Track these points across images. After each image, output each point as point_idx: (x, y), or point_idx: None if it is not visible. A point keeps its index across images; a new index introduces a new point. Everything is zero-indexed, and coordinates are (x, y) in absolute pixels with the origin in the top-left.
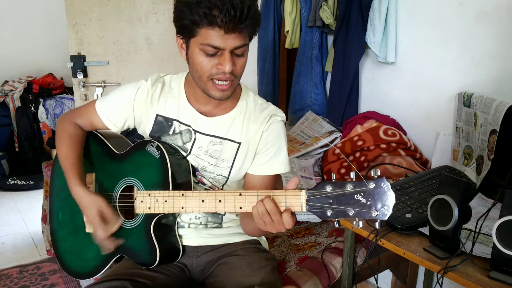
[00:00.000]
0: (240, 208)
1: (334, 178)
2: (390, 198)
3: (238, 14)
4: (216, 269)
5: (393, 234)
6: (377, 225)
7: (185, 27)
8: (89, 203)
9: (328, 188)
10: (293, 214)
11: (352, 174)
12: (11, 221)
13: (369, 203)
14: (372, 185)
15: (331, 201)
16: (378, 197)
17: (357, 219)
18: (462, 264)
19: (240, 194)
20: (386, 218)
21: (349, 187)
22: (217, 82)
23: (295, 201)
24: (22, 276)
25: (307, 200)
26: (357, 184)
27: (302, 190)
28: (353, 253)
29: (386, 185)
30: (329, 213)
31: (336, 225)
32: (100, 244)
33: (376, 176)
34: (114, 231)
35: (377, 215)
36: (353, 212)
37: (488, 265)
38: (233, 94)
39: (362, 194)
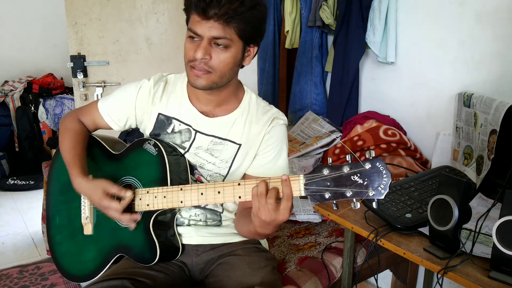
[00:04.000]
0: (239, 197)
1: (330, 161)
2: (386, 177)
3: (216, 2)
4: (216, 268)
5: (393, 234)
6: (374, 204)
7: (186, 13)
8: (92, 188)
9: (325, 171)
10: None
11: (348, 157)
12: (11, 221)
13: (365, 183)
14: (368, 166)
15: (328, 183)
16: (374, 177)
17: (354, 200)
18: (462, 264)
19: (239, 184)
20: (383, 196)
21: (346, 169)
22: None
23: (294, 186)
24: (22, 276)
25: (305, 185)
26: (353, 166)
27: (300, 175)
28: (353, 253)
29: (382, 165)
30: (327, 195)
31: (334, 208)
32: (120, 221)
33: (371, 157)
34: (127, 203)
35: (374, 194)
36: (351, 193)
37: (488, 265)
38: (234, 94)
39: (359, 175)
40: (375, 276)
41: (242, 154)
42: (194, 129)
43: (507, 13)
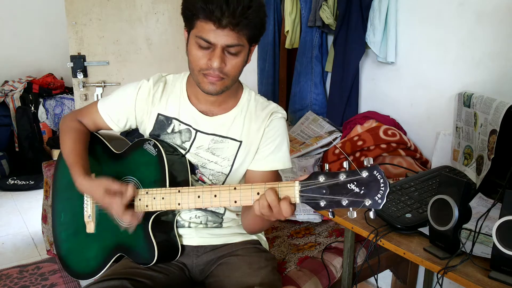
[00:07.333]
0: (235, 202)
1: (327, 168)
2: (383, 187)
3: (232, 11)
4: (216, 269)
5: (393, 234)
6: (371, 214)
7: (187, 18)
8: (94, 187)
9: (321, 178)
10: (291, 203)
11: (346, 164)
12: (11, 221)
13: (362, 192)
14: (365, 174)
15: (324, 191)
16: (372, 186)
17: (351, 209)
18: (462, 264)
19: (235, 188)
20: (380, 207)
21: (342, 177)
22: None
23: (289, 192)
24: (22, 276)
25: (300, 191)
26: (350, 174)
27: (296, 182)
28: (353, 253)
29: (379, 173)
30: (322, 203)
31: (330, 216)
32: (123, 219)
33: (369, 165)
34: (129, 199)
35: (370, 204)
36: (347, 201)
37: (488, 265)
38: (234, 93)
39: (355, 183)
40: (375, 276)
41: (244, 152)
42: (194, 129)
43: (507, 13)
